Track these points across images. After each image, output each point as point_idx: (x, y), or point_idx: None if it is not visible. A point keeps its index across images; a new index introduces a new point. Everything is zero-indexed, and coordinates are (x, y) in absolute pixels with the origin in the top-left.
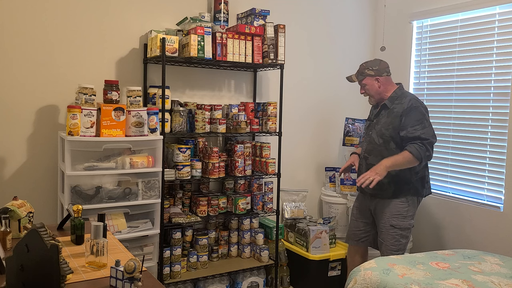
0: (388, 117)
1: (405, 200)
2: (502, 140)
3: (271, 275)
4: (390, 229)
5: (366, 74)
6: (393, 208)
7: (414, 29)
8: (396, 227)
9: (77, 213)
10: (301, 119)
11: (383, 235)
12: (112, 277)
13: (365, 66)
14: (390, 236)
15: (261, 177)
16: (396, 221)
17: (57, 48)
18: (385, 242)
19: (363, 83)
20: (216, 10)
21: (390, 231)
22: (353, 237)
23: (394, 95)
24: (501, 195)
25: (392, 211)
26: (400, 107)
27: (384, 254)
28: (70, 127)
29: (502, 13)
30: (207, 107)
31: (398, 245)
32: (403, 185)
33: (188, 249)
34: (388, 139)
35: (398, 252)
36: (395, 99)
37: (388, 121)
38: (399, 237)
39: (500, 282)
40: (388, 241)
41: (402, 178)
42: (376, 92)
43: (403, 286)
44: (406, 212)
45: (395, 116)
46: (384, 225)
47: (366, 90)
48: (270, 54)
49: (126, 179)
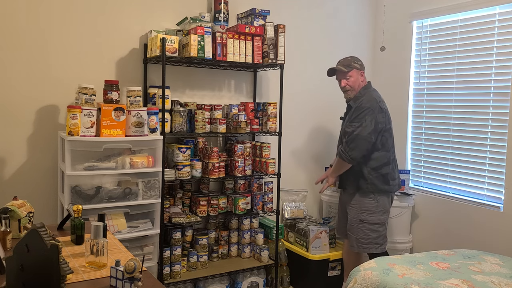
0: (348, 115)
1: (373, 197)
2: (502, 140)
3: (271, 275)
4: (359, 223)
5: (353, 66)
6: (362, 204)
7: (414, 29)
8: (365, 221)
9: (77, 213)
10: (301, 119)
11: (353, 228)
12: (112, 277)
13: (350, 60)
14: (359, 230)
15: (261, 177)
16: (365, 216)
17: (57, 48)
18: (354, 236)
19: (349, 75)
20: (216, 10)
21: (359, 225)
22: (340, 229)
23: (358, 95)
24: (501, 195)
25: (361, 206)
26: (355, 106)
27: (354, 247)
28: (70, 127)
29: (502, 13)
30: (207, 107)
31: (367, 239)
32: (361, 182)
33: (188, 249)
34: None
35: (368, 246)
36: (357, 98)
37: (348, 119)
38: (368, 231)
39: (500, 282)
40: (358, 234)
41: (360, 176)
42: (358, 86)
43: (403, 286)
44: (375, 208)
45: (351, 113)
46: (354, 219)
47: (350, 82)
48: (270, 54)
49: (126, 179)
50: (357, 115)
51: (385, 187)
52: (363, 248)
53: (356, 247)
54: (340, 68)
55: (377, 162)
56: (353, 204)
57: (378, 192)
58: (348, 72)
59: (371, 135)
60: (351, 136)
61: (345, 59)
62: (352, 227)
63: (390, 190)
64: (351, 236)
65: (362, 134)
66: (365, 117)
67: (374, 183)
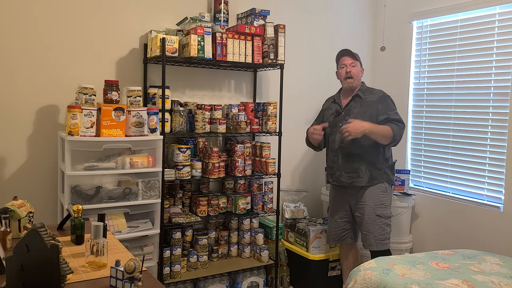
0: (361, 106)
1: (384, 189)
2: (502, 140)
3: (271, 275)
4: (376, 219)
5: (359, 59)
6: (375, 198)
7: (414, 29)
8: (382, 216)
9: (77, 213)
10: (301, 119)
11: (369, 226)
12: (112, 277)
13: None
14: (377, 226)
15: (261, 177)
16: (380, 211)
17: (57, 48)
18: (372, 233)
19: (355, 64)
20: (216, 10)
21: (376, 221)
22: (334, 237)
23: (363, 88)
24: (501, 195)
25: (375, 201)
26: (373, 97)
27: (372, 246)
28: (70, 127)
29: (502, 13)
30: (207, 107)
31: (385, 234)
32: (376, 171)
33: (188, 249)
34: None
35: (385, 241)
36: (365, 91)
37: (363, 110)
38: (385, 226)
39: (500, 282)
40: (376, 231)
41: (376, 165)
42: (358, 78)
43: (403, 286)
44: (387, 201)
45: (369, 104)
46: (370, 217)
47: (355, 70)
48: (270, 54)
49: (126, 179)
50: (391, 103)
51: (393, 178)
52: (381, 245)
53: (375, 245)
54: (353, 52)
55: (387, 153)
56: (366, 200)
57: (389, 183)
58: (355, 61)
59: None
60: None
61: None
62: (368, 225)
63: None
64: (368, 235)
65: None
66: (394, 105)
67: (387, 173)
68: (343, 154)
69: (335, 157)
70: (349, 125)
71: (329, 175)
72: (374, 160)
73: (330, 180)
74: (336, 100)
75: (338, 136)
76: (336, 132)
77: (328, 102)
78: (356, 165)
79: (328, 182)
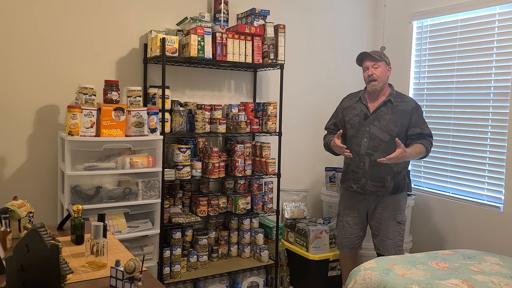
0: (393, 113)
1: (404, 196)
2: (502, 140)
3: (271, 275)
4: (396, 226)
5: (383, 59)
6: (396, 204)
7: (414, 29)
8: (401, 222)
9: (77, 213)
10: (301, 119)
11: (389, 233)
12: (112, 277)
13: (381, 52)
14: (396, 233)
15: (261, 177)
16: (400, 217)
17: (57, 48)
18: (392, 240)
19: (378, 65)
20: (216, 10)
21: (396, 228)
22: (349, 244)
23: (394, 93)
24: (501, 195)
25: (395, 207)
26: (407, 105)
27: (390, 252)
28: (70, 127)
29: (502, 13)
30: (207, 107)
31: (401, 240)
32: (401, 181)
33: (188, 249)
34: (395, 135)
35: (401, 247)
36: (396, 96)
37: (396, 118)
38: (402, 231)
39: (500, 282)
40: (395, 237)
41: (400, 175)
42: (384, 80)
43: (403, 286)
44: (404, 206)
45: (402, 113)
46: (389, 223)
47: (378, 72)
48: (270, 54)
49: (126, 179)
50: (421, 115)
51: (411, 186)
52: (399, 251)
53: (394, 251)
54: (372, 54)
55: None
56: (387, 206)
57: (408, 190)
58: (378, 61)
59: None
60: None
61: (375, 51)
62: (388, 231)
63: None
64: (386, 241)
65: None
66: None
67: (407, 182)
68: (370, 161)
69: (360, 163)
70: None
71: (351, 180)
72: (400, 170)
73: (352, 185)
74: (362, 101)
75: (365, 141)
76: (362, 135)
77: (350, 99)
78: (383, 174)
79: (349, 188)
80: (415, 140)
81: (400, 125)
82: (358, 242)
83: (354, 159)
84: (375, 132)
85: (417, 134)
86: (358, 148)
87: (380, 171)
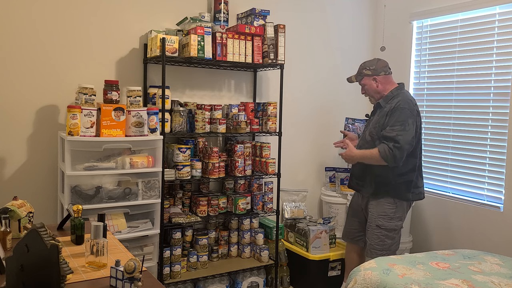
0: (378, 115)
1: (392, 202)
2: (502, 140)
3: (271, 275)
4: (375, 229)
5: (364, 74)
6: (380, 208)
7: (414, 29)
8: (382, 227)
9: (77, 213)
10: (301, 119)
11: (369, 234)
12: (112, 277)
13: (363, 66)
14: (375, 236)
15: (261, 177)
16: (381, 222)
17: (57, 48)
18: (369, 241)
19: (363, 83)
20: (216, 10)
21: (375, 231)
22: (348, 234)
23: (389, 95)
24: (501, 195)
25: (379, 211)
26: (389, 107)
27: (368, 253)
28: (70, 127)
29: (502, 13)
30: (207, 107)
31: (382, 245)
32: (381, 186)
33: (188, 249)
34: (374, 137)
35: (382, 252)
36: (389, 98)
37: (377, 120)
38: (384, 237)
39: (500, 282)
40: (373, 240)
41: (382, 179)
42: (375, 92)
43: (403, 286)
44: (393, 213)
45: (382, 115)
46: (370, 224)
47: (366, 90)
48: (270, 54)
49: (126, 179)
50: (397, 117)
51: (407, 195)
52: (376, 254)
53: (369, 254)
54: (350, 79)
55: (403, 168)
56: (371, 207)
57: (399, 198)
58: (360, 81)
59: (413, 140)
60: (396, 141)
61: (360, 65)
62: (368, 232)
63: (411, 199)
64: (367, 242)
65: (406, 139)
66: (407, 120)
67: (397, 190)
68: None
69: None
70: (342, 153)
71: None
72: (382, 174)
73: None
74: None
75: (359, 142)
76: (362, 136)
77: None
78: (363, 173)
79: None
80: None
81: (378, 127)
82: (357, 235)
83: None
84: (365, 134)
85: (382, 136)
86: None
87: (361, 170)
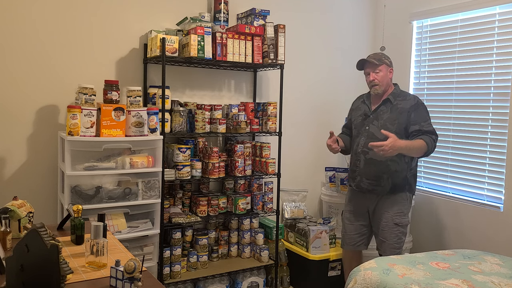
0: (391, 112)
1: (405, 197)
2: (502, 140)
3: (271, 275)
4: (393, 228)
5: (384, 61)
6: (395, 206)
7: (414, 29)
8: (399, 225)
9: (77, 213)
10: (301, 119)
11: (386, 234)
12: (112, 277)
13: (381, 55)
14: (393, 235)
15: (261, 177)
16: (399, 219)
17: (57, 48)
18: (387, 241)
19: (379, 69)
20: (216, 10)
21: (393, 230)
22: (350, 241)
23: (396, 92)
24: (501, 195)
25: (394, 209)
26: (406, 103)
27: (386, 253)
28: (70, 127)
29: (502, 13)
30: (207, 107)
31: (400, 243)
32: (400, 181)
33: (188, 249)
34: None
35: (399, 250)
36: (397, 95)
37: (393, 117)
38: (401, 234)
39: (500, 282)
40: (392, 239)
41: (400, 174)
42: (386, 83)
43: (403, 286)
44: (406, 209)
45: (400, 112)
46: (387, 224)
47: (379, 77)
48: (270, 54)
49: (126, 179)
50: (423, 112)
51: (414, 188)
52: (395, 253)
53: (389, 253)
54: (371, 60)
55: (413, 162)
56: (385, 207)
57: (410, 192)
58: (378, 65)
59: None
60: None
61: (375, 53)
62: (385, 232)
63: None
64: (384, 242)
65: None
66: (428, 114)
67: (410, 183)
68: (365, 159)
69: (357, 161)
70: (385, 147)
71: (351, 178)
72: (398, 169)
73: (351, 184)
74: (365, 101)
75: (362, 140)
76: (361, 134)
77: (357, 101)
78: (379, 173)
79: (350, 186)
80: (415, 136)
81: (398, 124)
82: (359, 240)
83: (352, 157)
84: (373, 131)
85: (416, 131)
86: (357, 147)
87: (376, 170)
